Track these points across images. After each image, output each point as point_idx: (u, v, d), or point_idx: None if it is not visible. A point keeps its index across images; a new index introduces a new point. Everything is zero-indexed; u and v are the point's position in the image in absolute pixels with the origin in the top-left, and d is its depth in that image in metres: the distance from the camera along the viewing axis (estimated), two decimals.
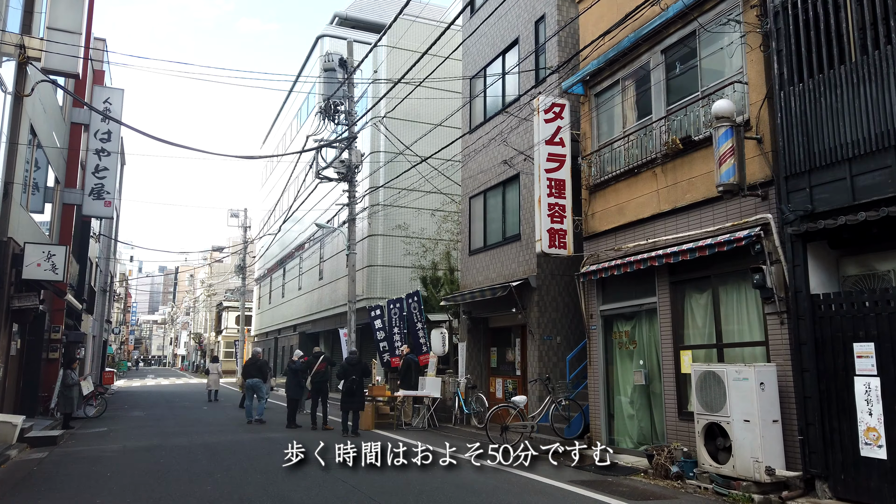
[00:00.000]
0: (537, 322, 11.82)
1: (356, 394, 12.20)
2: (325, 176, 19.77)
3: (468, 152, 14.91)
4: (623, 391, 9.74)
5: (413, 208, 20.59)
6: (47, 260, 11.48)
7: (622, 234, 9.76)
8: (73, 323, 19.22)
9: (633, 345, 9.58)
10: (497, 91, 14.07)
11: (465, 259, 14.85)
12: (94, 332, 26.46)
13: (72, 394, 14.29)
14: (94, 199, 17.21)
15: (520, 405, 10.43)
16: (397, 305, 17.69)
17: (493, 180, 13.75)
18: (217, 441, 11.46)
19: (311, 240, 28.83)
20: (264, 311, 40.64)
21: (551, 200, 10.45)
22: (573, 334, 12.06)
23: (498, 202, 13.64)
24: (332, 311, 25.45)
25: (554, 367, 11.77)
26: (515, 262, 12.67)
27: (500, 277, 13.14)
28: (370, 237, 21.68)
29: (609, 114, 10.47)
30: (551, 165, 10.55)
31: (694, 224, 8.46)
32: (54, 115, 15.26)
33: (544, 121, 10.61)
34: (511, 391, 13.37)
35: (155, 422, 15.38)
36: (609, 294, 10.14)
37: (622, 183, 9.81)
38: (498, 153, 13.56)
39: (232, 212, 41.91)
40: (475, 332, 14.46)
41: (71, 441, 11.80)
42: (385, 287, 21.35)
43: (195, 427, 14.18)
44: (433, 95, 22.54)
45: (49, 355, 16.06)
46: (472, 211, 14.73)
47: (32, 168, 12.91)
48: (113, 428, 13.91)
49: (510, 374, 13.55)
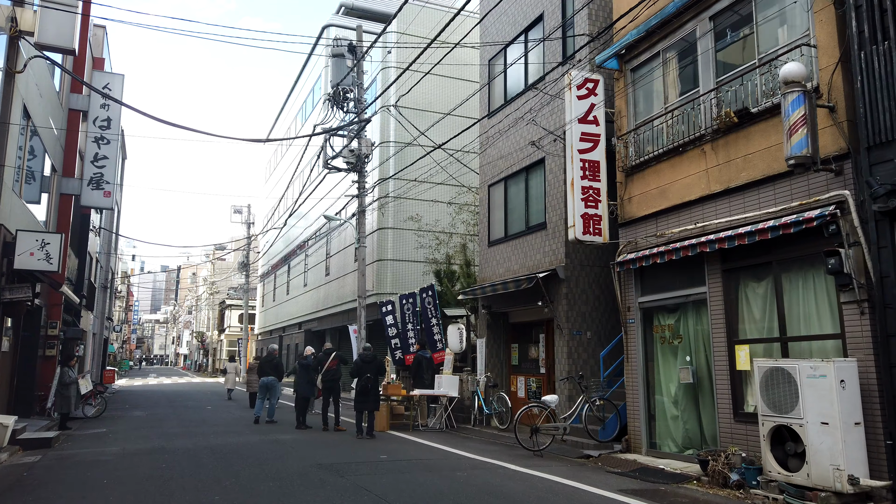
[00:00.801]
0: (566, 316, 11.02)
1: (371, 393, 11.42)
2: (334, 166, 18.97)
3: (487, 138, 14.11)
4: (665, 390, 8.94)
5: (426, 201, 19.80)
6: (41, 249, 10.70)
7: (664, 219, 8.96)
8: (72, 319, 18.46)
9: (677, 339, 8.77)
10: (518, 73, 13.27)
11: (484, 251, 14.05)
12: (95, 329, 25.71)
13: (69, 393, 13.52)
14: (93, 188, 16.44)
15: (551, 405, 9.64)
16: (410, 300, 16.92)
17: (514, 166, 12.95)
18: (223, 443, 10.68)
19: (317, 235, 28.06)
20: (268, 309, 39.88)
21: (585, 183, 9.65)
22: (604, 329, 11.26)
23: (520, 189, 12.84)
24: (339, 308, 24.68)
25: (584, 363, 10.97)
26: (541, 253, 11.87)
27: (523, 269, 12.35)
28: (380, 230, 20.89)
29: (647, 90, 9.67)
30: (584, 146, 9.75)
31: (751, 205, 7.65)
32: (51, 100, 14.49)
33: (577, 97, 9.82)
34: (535, 390, 12.58)
35: (157, 422, 14.60)
36: (649, 285, 9.34)
37: (664, 163, 9.01)
38: (520, 137, 12.77)
39: (235, 207, 41.16)
40: (495, 328, 13.66)
41: (67, 443, 11.03)
42: (395, 282, 20.56)
43: (200, 428, 13.40)
44: (444, 84, 21.78)
45: (45, 352, 15.31)
46: (492, 199, 13.93)
47: (26, 152, 12.13)
48: (112, 429, 13.14)
49: (533, 371, 12.76)
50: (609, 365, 10.38)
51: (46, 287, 14.84)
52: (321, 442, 10.87)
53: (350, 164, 18.63)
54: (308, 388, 13.26)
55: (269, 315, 39.71)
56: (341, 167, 18.96)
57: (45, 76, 14.17)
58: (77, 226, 18.53)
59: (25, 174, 13.36)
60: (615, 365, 10.26)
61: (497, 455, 9.34)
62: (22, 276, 11.00)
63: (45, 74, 14.21)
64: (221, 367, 30.10)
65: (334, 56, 18.78)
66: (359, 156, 18.54)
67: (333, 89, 18.49)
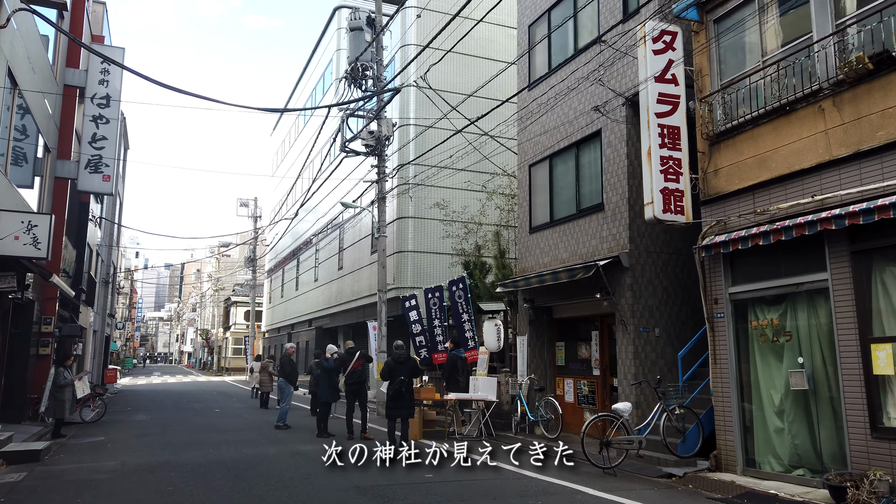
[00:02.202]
0: (631, 310, 9.58)
1: (405, 398, 10.00)
2: (352, 149, 17.55)
3: (527, 112, 12.66)
4: (767, 397, 7.50)
5: (453, 188, 18.34)
6: (27, 232, 9.31)
7: (765, 193, 7.50)
8: (69, 315, 17.07)
9: (784, 337, 7.32)
10: (564, 37, 11.80)
11: (524, 238, 12.60)
12: (96, 326, 24.36)
13: (64, 396, 12.16)
14: (91, 172, 15.03)
15: (624, 414, 8.20)
16: (437, 295, 15.48)
17: (562, 141, 11.50)
18: (238, 457, 9.29)
19: (329, 227, 26.64)
20: (276, 306, 38.50)
21: (664, 153, 8.19)
22: (674, 325, 9.82)
23: (569, 168, 11.39)
24: (353, 304, 23.27)
25: (652, 365, 9.54)
26: (596, 238, 10.42)
27: (574, 257, 10.91)
28: (399, 220, 19.45)
29: (736, 42, 8.22)
30: (662, 108, 8.30)
31: (891, 171, 6.20)
32: (44, 74, 13.09)
33: (652, 52, 8.36)
34: (587, 394, 11.15)
35: (161, 428, 13.22)
36: (743, 272, 7.89)
37: (764, 127, 7.55)
38: (569, 108, 11.32)
39: (241, 201, 39.93)
40: (537, 325, 12.23)
41: (59, 455, 9.64)
42: (417, 275, 19.14)
43: (209, 436, 12.02)
44: (467, 63, 20.31)
45: (39, 351, 13.92)
46: (534, 181, 12.48)
47: (13, 123, 10.71)
48: (111, 437, 11.76)
49: (584, 373, 11.32)
50: (686, 366, 8.93)
51: (40, 279, 13.45)
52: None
53: (369, 146, 17.23)
54: (330, 392, 11.88)
55: (276, 312, 38.33)
56: (360, 150, 17.58)
57: (38, 47, 12.78)
58: (75, 214, 17.15)
59: (15, 154, 11.98)
60: (697, 365, 8.83)
61: (559, 473, 7.91)
62: (6, 264, 9.60)
63: (38, 45, 12.82)
64: (249, 367, 28.63)
65: (352, 29, 17.36)
66: (378, 138, 17.13)
67: (351, 65, 17.08)
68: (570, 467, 8.38)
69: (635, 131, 9.95)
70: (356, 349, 11.81)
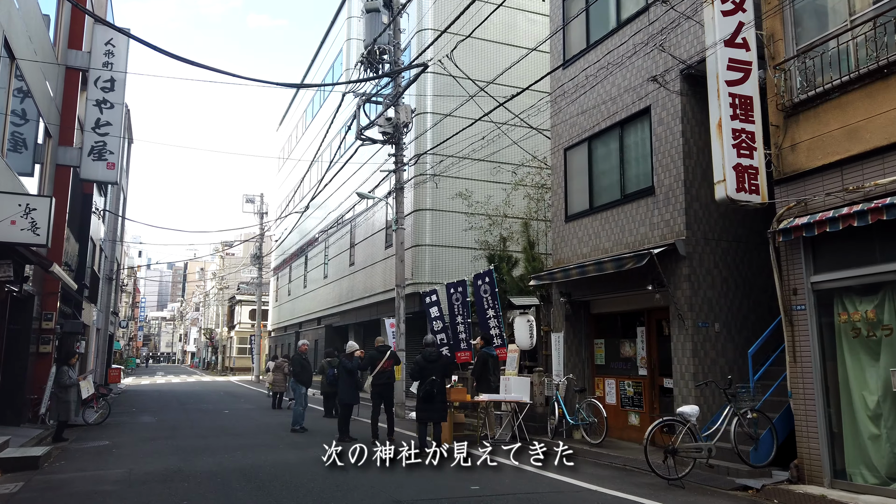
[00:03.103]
0: (689, 303, 8.70)
1: (437, 400, 9.15)
2: (368, 137, 16.73)
3: (561, 93, 11.80)
4: (859, 400, 6.62)
5: (472, 179, 17.49)
6: (25, 216, 8.46)
7: (856, 169, 6.63)
8: (72, 311, 16.25)
9: (883, 331, 6.44)
10: (605, 9, 10.93)
11: (560, 227, 11.74)
12: (99, 324, 23.53)
13: (67, 397, 11.33)
14: (95, 159, 14.19)
15: (691, 419, 7.33)
16: (459, 290, 14.64)
17: (603, 122, 10.64)
18: (256, 464, 8.44)
19: (340, 222, 25.79)
20: (283, 304, 37.67)
21: (736, 125, 7.32)
22: (734, 319, 8.94)
23: (612, 150, 10.52)
24: (365, 301, 22.42)
25: (712, 363, 8.66)
26: (646, 225, 9.55)
27: (618, 246, 10.04)
28: (416, 212, 18.60)
29: (813, 3, 7.35)
30: (733, 76, 7.43)
31: None
32: (44, 52, 12.26)
33: (721, 13, 7.49)
34: (631, 396, 10.28)
35: (169, 431, 12.39)
36: (827, 259, 7.01)
37: (855, 94, 6.68)
38: (611, 86, 10.46)
39: (247, 197, 39.03)
40: (574, 320, 11.36)
41: (60, 462, 8.81)
42: (435, 271, 18.30)
43: (221, 439, 11.18)
44: (487, 50, 19.45)
45: (39, 349, 13.08)
46: (570, 166, 11.61)
47: (10, 99, 9.86)
48: (117, 440, 10.92)
49: (628, 373, 10.45)
50: (755, 366, 8.06)
51: (40, 273, 12.62)
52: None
53: (386, 134, 16.37)
54: (352, 393, 11.02)
55: (283, 310, 37.51)
56: (376, 138, 16.73)
57: (39, 25, 11.97)
58: (77, 206, 16.32)
59: (14, 140, 11.16)
60: (769, 363, 7.96)
61: (619, 485, 7.06)
62: (2, 252, 8.75)
63: (39, 23, 12.01)
64: (265, 367, 27.41)
65: (368, 11, 16.50)
66: (396, 125, 16.29)
67: (368, 49, 16.22)
68: (623, 476, 7.56)
69: (691, 107, 9.09)
70: (386, 347, 10.96)
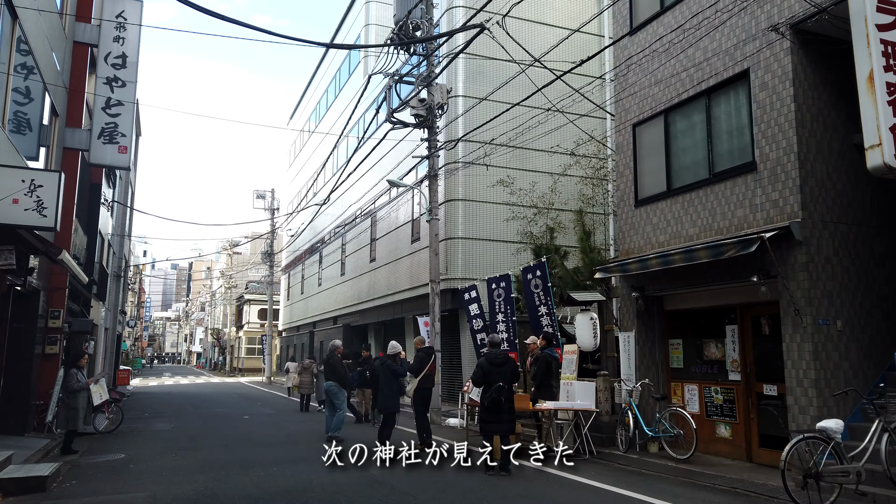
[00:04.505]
0: (806, 296, 7.43)
1: (505, 409, 7.89)
2: (399, 120, 15.47)
3: (629, 64, 10.53)
4: None
5: (508, 167, 16.22)
6: (30, 193, 7.23)
7: None
8: (80, 309, 15.02)
9: None
10: None
11: (628, 213, 10.47)
12: (107, 323, 22.33)
13: (77, 403, 10.08)
14: (105, 142, 12.95)
15: (836, 435, 6.04)
16: (502, 285, 13.37)
17: (683, 92, 9.36)
18: (302, 485, 7.20)
19: (359, 217, 24.55)
20: (295, 303, 36.42)
21: (890, 78, 6.06)
22: (857, 316, 7.66)
23: (696, 122, 9.25)
24: (389, 299, 21.15)
25: (835, 367, 7.39)
26: (744, 207, 8.28)
27: (706, 232, 8.77)
28: (448, 203, 17.33)
29: None
30: (884, 19, 6.16)
31: None
32: (52, 26, 11.02)
33: None
34: (720, 404, 9.00)
35: (189, 441, 11.15)
36: None
37: None
38: (695, 50, 9.19)
39: (258, 192, 37.92)
40: (646, 318, 10.09)
41: (70, 482, 7.56)
42: (468, 266, 17.02)
43: (250, 451, 9.94)
44: (524, 29, 18.18)
45: (46, 349, 11.88)
46: (640, 143, 10.35)
47: (11, 66, 8.62)
48: (133, 453, 9.68)
49: (715, 377, 9.18)
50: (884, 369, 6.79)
51: (46, 265, 11.41)
52: (441, 481, 7.37)
53: (419, 116, 15.12)
54: (396, 400, 9.81)
55: (295, 309, 36.26)
56: (408, 121, 15.48)
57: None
58: (85, 195, 15.11)
59: (17, 120, 9.93)
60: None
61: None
62: (4, 236, 7.50)
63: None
64: (281, 368, 26.17)
65: None
66: (430, 107, 15.04)
67: (399, 25, 14.99)
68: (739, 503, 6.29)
69: (803, 67, 7.81)
70: (431, 348, 9.73)
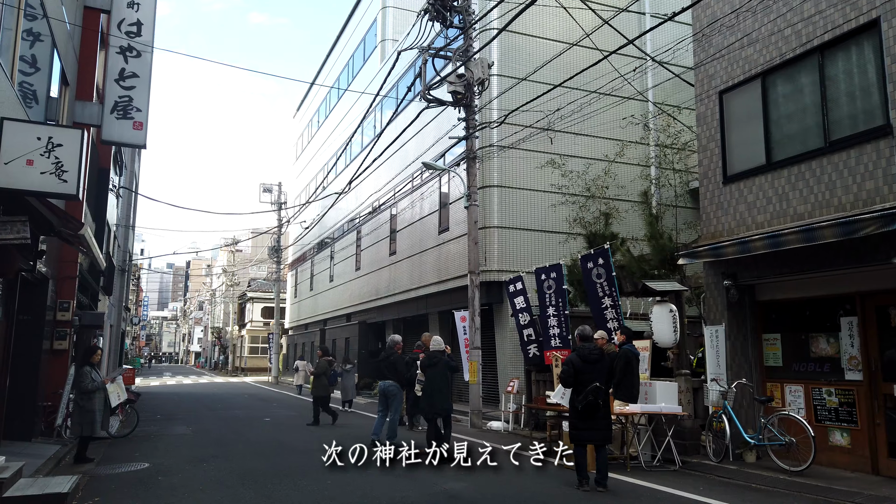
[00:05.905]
0: None
1: (601, 415, 6.75)
2: (435, 98, 14.32)
3: (711, 27, 9.39)
4: None
5: (550, 153, 15.05)
6: (47, 154, 6.03)
7: None
8: (88, 302, 13.80)
9: None
10: None
11: (714, 192, 9.33)
12: (112, 319, 21.09)
13: (92, 405, 8.81)
14: (119, 117, 11.73)
15: None
16: (553, 275, 12.22)
17: (789, 51, 8.22)
18: (367, 502, 6.03)
19: (379, 207, 23.35)
20: (303, 300, 35.18)
21: None
22: None
23: (804, 84, 8.11)
24: (412, 294, 19.97)
25: None
26: (876, 178, 7.14)
27: (822, 209, 7.64)
28: (483, 188, 16.15)
29: None
30: None
31: None
32: None
33: None
34: (834, 408, 7.86)
35: (217, 448, 9.95)
36: None
37: None
38: (802, 4, 8.05)
39: (265, 186, 36.67)
40: (737, 310, 8.95)
41: (93, 500, 6.35)
42: (504, 257, 15.86)
43: (289, 460, 8.75)
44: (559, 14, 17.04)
45: (54, 345, 10.67)
46: (728, 113, 9.21)
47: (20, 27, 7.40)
48: (157, 462, 8.47)
49: (826, 377, 8.04)
50: None
51: (55, 248, 10.18)
52: (519, 496, 6.22)
53: (457, 94, 13.94)
54: (448, 400, 8.67)
55: (303, 307, 35.02)
56: (445, 100, 14.30)
57: None
58: (94, 179, 13.88)
59: (24, 90, 8.71)
60: None
61: None
62: (11, 204, 6.26)
63: None
64: (293, 366, 25.35)
65: None
66: (468, 83, 13.88)
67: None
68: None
69: None
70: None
